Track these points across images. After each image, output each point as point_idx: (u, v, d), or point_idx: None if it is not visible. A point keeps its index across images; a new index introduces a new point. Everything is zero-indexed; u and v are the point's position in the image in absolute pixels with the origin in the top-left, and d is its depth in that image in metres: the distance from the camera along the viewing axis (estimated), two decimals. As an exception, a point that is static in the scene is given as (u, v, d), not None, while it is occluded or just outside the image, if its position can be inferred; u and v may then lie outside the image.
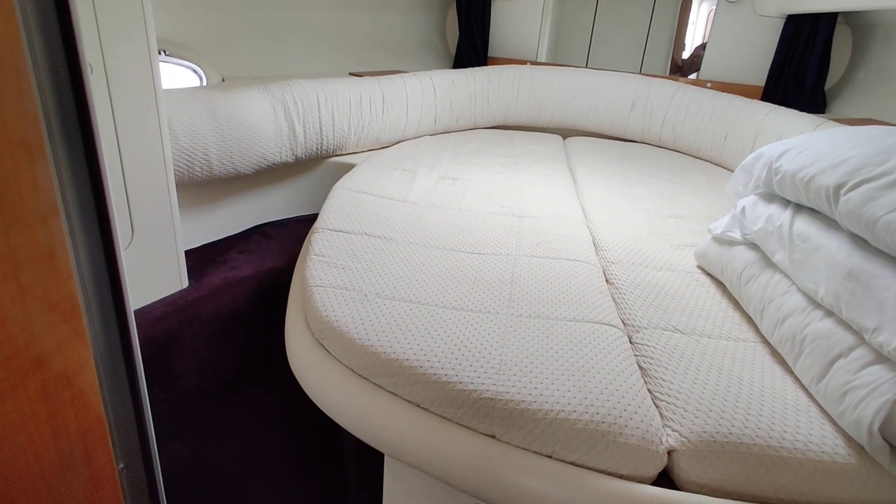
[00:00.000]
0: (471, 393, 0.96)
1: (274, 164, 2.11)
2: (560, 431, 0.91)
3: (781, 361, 1.10)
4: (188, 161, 1.78)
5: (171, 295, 1.67)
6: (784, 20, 2.72)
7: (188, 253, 1.89)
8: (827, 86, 2.70)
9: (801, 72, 2.67)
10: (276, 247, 2.11)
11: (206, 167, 1.84)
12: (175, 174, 1.69)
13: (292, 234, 2.22)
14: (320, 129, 2.25)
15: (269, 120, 2.04)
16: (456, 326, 1.13)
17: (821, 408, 0.96)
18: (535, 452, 0.93)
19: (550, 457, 0.92)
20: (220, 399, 1.76)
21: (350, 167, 2.22)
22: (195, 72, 2.19)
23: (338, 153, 2.43)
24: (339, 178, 1.99)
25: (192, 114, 1.79)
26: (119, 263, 0.55)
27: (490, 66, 3.17)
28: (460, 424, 0.97)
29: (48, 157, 0.48)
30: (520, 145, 2.73)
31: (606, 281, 1.43)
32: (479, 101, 3.03)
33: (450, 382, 0.98)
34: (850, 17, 2.61)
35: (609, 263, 1.50)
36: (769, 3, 2.71)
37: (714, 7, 2.98)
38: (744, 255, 1.31)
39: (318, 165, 2.41)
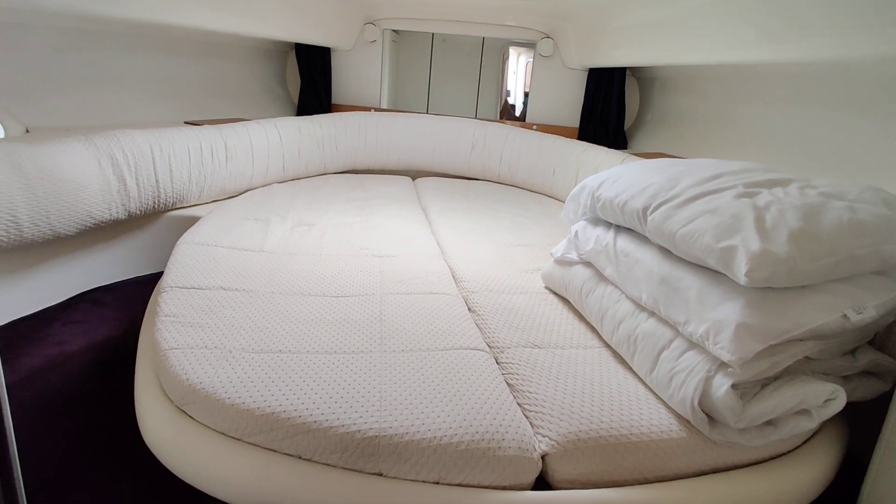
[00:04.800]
0: (354, 434, 0.95)
1: (102, 221, 1.89)
2: (444, 456, 0.94)
3: (622, 360, 1.27)
4: (-9, 225, 1.53)
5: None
6: (587, 72, 3.21)
7: (-5, 332, 1.60)
8: (625, 126, 3.23)
9: (605, 115, 3.16)
10: (111, 314, 1.88)
11: (14, 231, 1.59)
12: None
13: (130, 297, 2.00)
14: (156, 181, 2.09)
15: (93, 174, 1.84)
16: (331, 371, 1.12)
17: (656, 395, 1.13)
18: (423, 482, 0.95)
19: (437, 483, 0.95)
20: (55, 499, 1.49)
21: (194, 220, 2.08)
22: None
23: (178, 206, 2.27)
24: (183, 232, 1.86)
25: (-7, 171, 1.55)
26: None
27: (336, 113, 3.23)
28: (346, 468, 0.96)
29: None
30: (372, 188, 2.80)
31: (469, 309, 1.52)
32: (327, 147, 3.06)
33: (332, 427, 0.96)
34: (635, 71, 3.17)
35: (469, 293, 1.60)
36: (574, 58, 3.19)
37: (531, 60, 3.41)
38: (581, 272, 1.50)
39: (155, 220, 2.21)
